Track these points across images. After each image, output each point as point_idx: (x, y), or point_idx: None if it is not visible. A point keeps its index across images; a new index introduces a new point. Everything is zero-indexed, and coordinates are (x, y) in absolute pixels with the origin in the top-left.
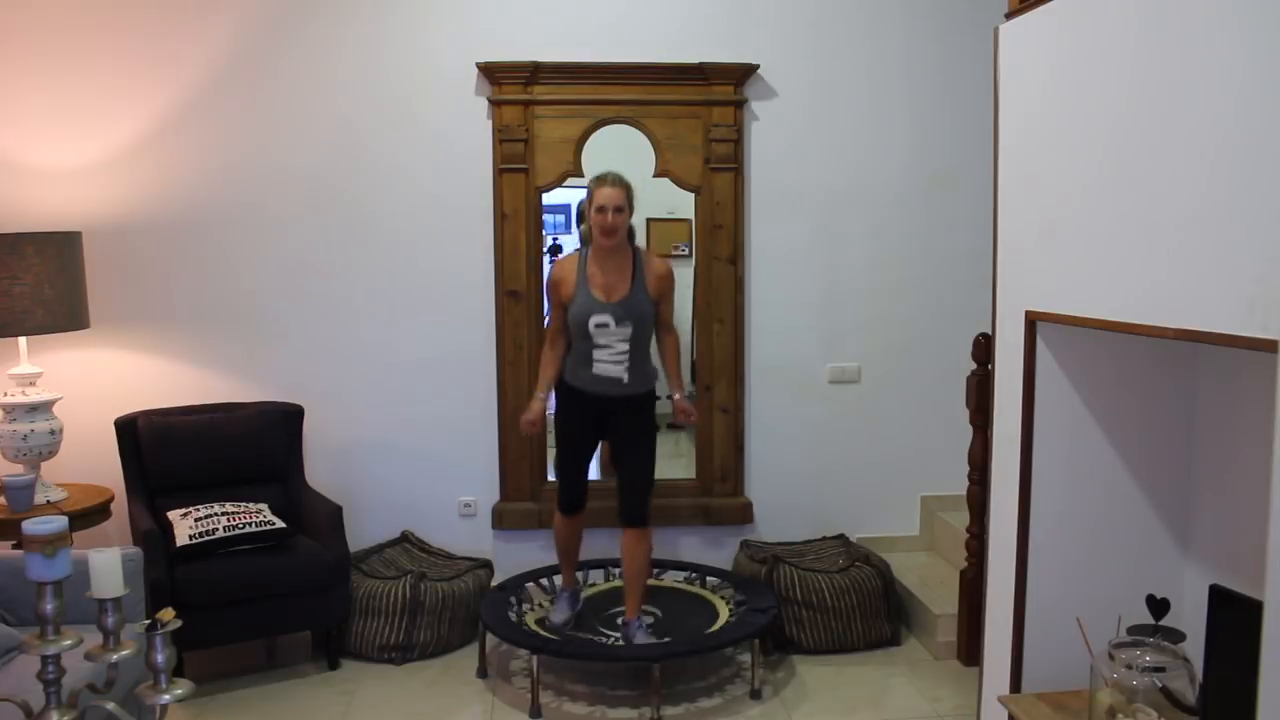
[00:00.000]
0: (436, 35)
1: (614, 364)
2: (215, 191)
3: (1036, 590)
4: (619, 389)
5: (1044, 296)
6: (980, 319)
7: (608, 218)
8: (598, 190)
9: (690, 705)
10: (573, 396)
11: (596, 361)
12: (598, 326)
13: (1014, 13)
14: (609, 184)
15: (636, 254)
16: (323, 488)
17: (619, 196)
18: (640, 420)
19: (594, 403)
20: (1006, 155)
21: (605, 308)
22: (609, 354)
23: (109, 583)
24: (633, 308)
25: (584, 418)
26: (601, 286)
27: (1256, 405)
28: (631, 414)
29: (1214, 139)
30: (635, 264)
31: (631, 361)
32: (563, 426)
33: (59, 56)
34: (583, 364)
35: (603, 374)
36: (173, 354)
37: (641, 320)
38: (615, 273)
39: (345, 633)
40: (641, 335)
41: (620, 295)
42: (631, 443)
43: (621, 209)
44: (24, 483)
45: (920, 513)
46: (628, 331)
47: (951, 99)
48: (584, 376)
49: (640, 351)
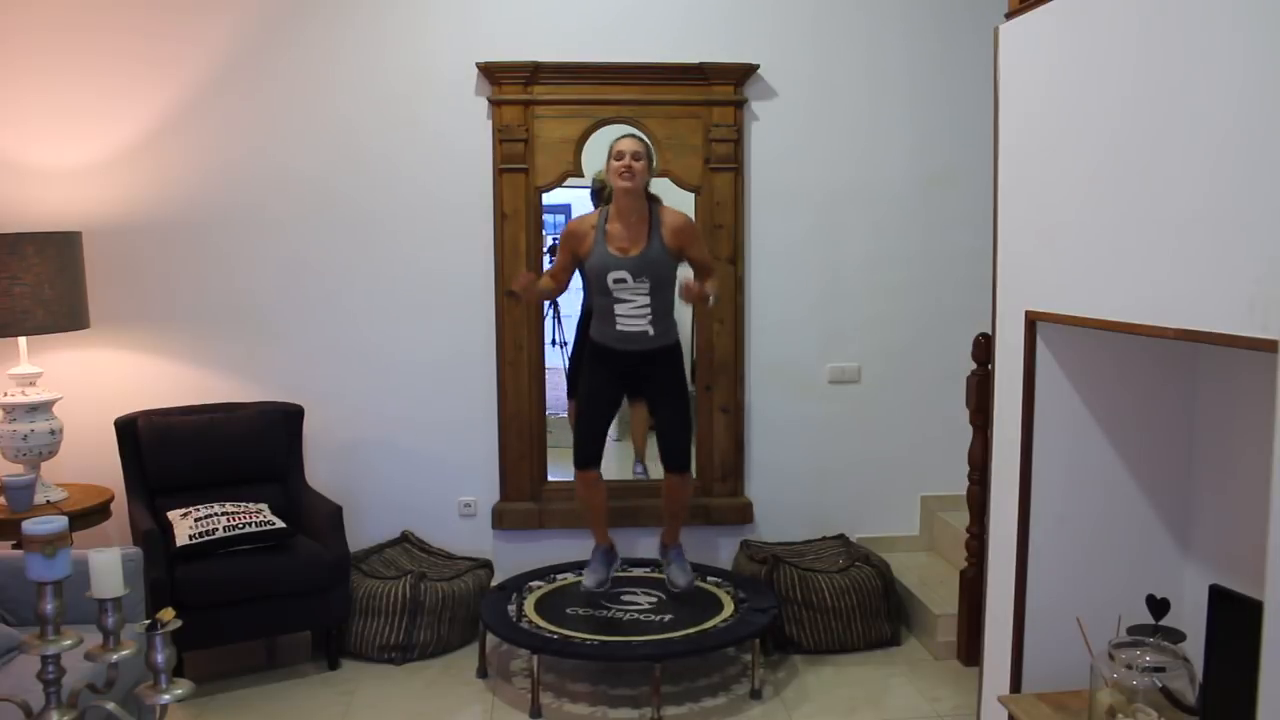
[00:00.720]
0: (436, 35)
1: (638, 318)
2: (215, 192)
3: (1036, 590)
4: (645, 343)
5: (1044, 296)
6: (980, 319)
7: (625, 161)
8: (615, 142)
9: (691, 705)
10: (600, 354)
11: (619, 317)
12: (616, 282)
13: (1014, 13)
14: (628, 135)
15: (654, 210)
16: (323, 488)
17: (636, 144)
18: (670, 372)
19: (621, 359)
20: (1006, 155)
21: (622, 262)
22: (631, 308)
23: (109, 583)
24: (649, 262)
25: (611, 374)
26: (618, 242)
27: (1256, 405)
28: (660, 367)
29: (1214, 139)
30: (652, 219)
31: (655, 315)
32: (588, 384)
33: (59, 56)
34: (607, 321)
35: (628, 329)
36: (173, 354)
37: (659, 275)
38: (634, 228)
39: (345, 633)
40: (661, 290)
41: (637, 250)
42: (665, 395)
43: (640, 156)
44: (24, 483)
45: (920, 513)
46: (645, 286)
47: (951, 99)
48: (610, 334)
49: (662, 306)
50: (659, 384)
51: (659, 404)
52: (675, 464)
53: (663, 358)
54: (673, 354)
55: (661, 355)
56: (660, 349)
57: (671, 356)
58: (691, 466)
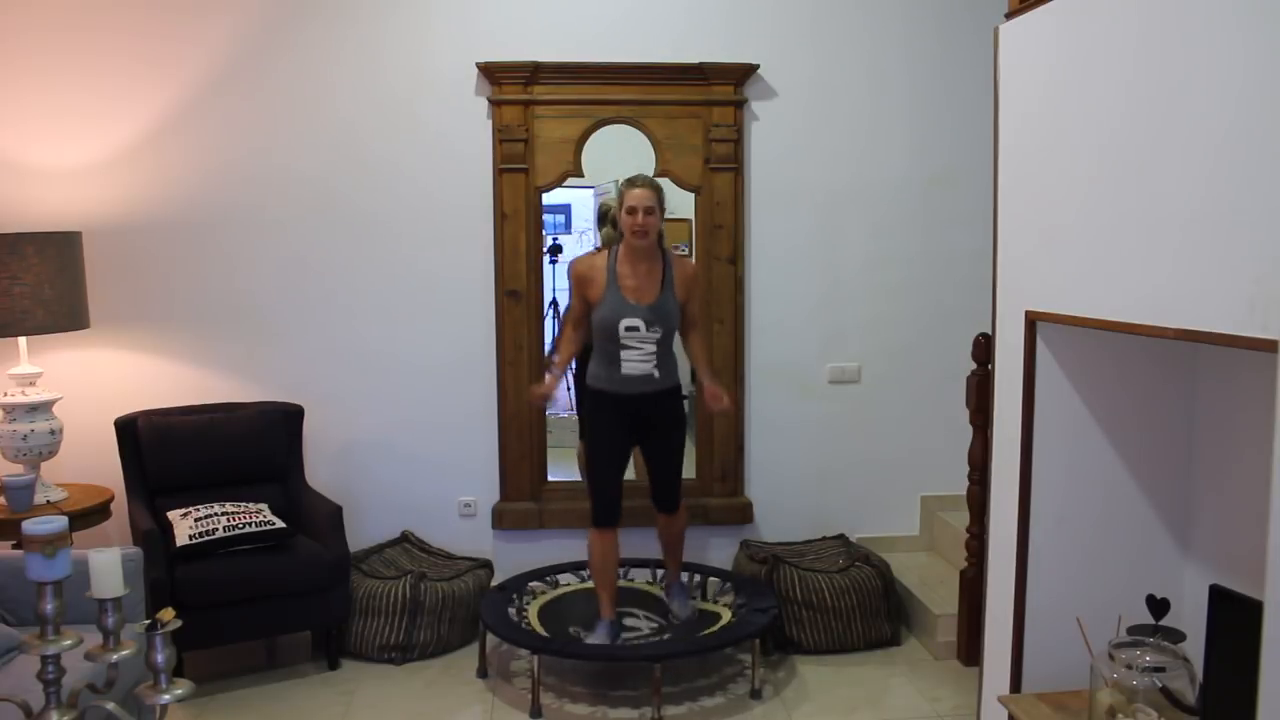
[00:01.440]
0: (436, 36)
1: (643, 362)
2: (215, 192)
3: (1036, 590)
4: (650, 385)
5: (1044, 296)
6: (980, 319)
7: (639, 219)
8: (628, 192)
9: (691, 705)
10: (603, 402)
11: (625, 362)
12: (628, 330)
13: (1014, 13)
14: (639, 185)
15: (666, 256)
16: (323, 488)
17: (649, 198)
18: (672, 415)
19: (625, 404)
20: (1006, 155)
21: (636, 311)
22: (638, 355)
23: (109, 583)
24: (662, 312)
25: (617, 420)
26: (632, 289)
27: (1256, 405)
28: (663, 410)
29: (1214, 138)
30: (665, 266)
31: (659, 359)
32: (595, 433)
33: (59, 56)
34: (609, 365)
35: (632, 373)
36: (173, 354)
37: (670, 323)
38: (645, 275)
39: (345, 633)
40: (669, 336)
41: (651, 299)
42: (663, 439)
43: (652, 210)
44: (24, 483)
45: (920, 513)
46: (657, 335)
47: (951, 99)
48: (613, 378)
49: (666, 349)
50: (661, 425)
51: (657, 446)
52: (668, 505)
53: (667, 399)
54: (675, 395)
55: (666, 397)
56: (664, 391)
57: (675, 398)
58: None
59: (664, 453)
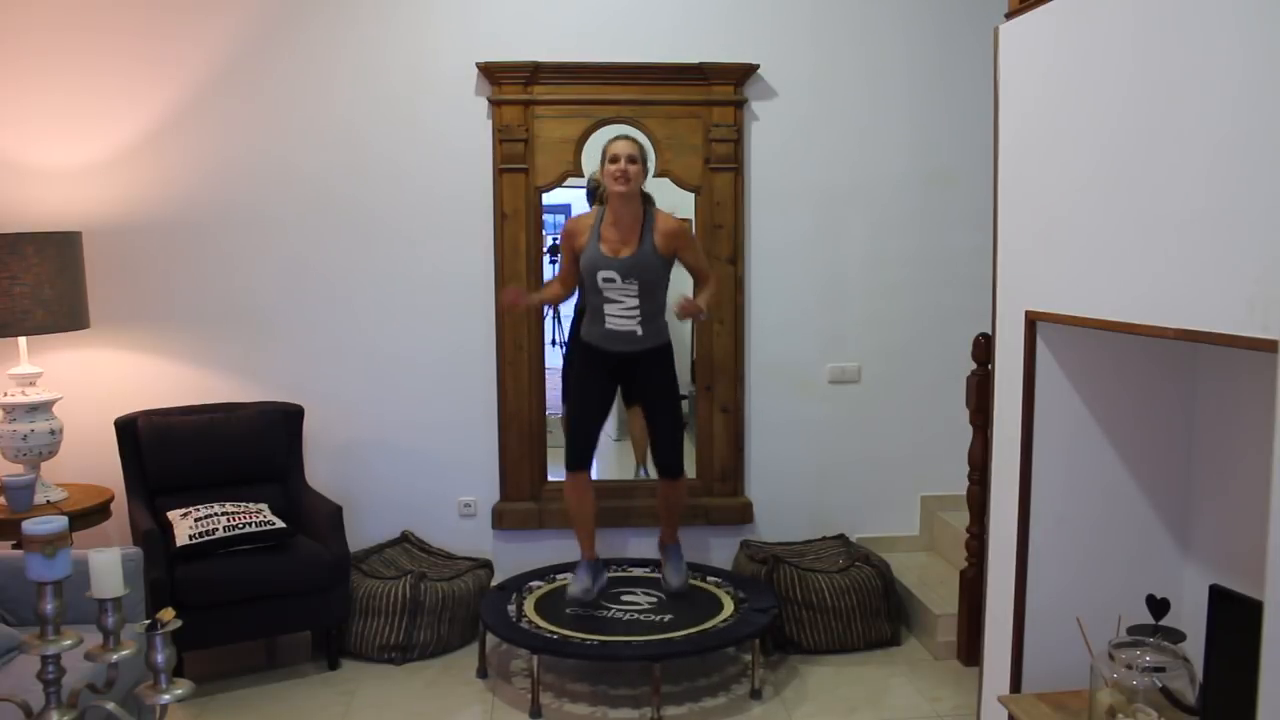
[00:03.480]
0: (436, 35)
1: (626, 318)
2: (215, 191)
3: (1036, 590)
4: (633, 343)
5: (1044, 296)
6: (980, 319)
7: (621, 164)
8: (610, 144)
9: (691, 705)
10: (588, 353)
11: (609, 317)
12: (605, 281)
13: (1014, 13)
14: (622, 137)
15: (648, 213)
16: (323, 488)
17: (631, 147)
18: (660, 373)
19: (609, 358)
20: (1006, 155)
21: (611, 263)
22: (620, 309)
23: (109, 583)
24: (639, 264)
25: (599, 374)
26: (611, 242)
27: (1256, 405)
28: (651, 370)
29: (1214, 138)
30: (645, 222)
31: (643, 316)
32: (578, 383)
33: (59, 56)
34: (596, 320)
35: (616, 329)
36: (173, 354)
37: (648, 278)
38: (627, 229)
39: (345, 633)
40: (651, 292)
41: (628, 251)
42: (655, 397)
43: (635, 159)
44: (24, 483)
45: (920, 513)
46: (634, 288)
47: (951, 99)
48: (598, 333)
49: (652, 308)
50: (649, 385)
51: (650, 406)
52: (669, 470)
53: (652, 359)
54: (663, 355)
55: (650, 356)
56: (648, 350)
57: (661, 357)
58: (684, 469)
59: (656, 407)
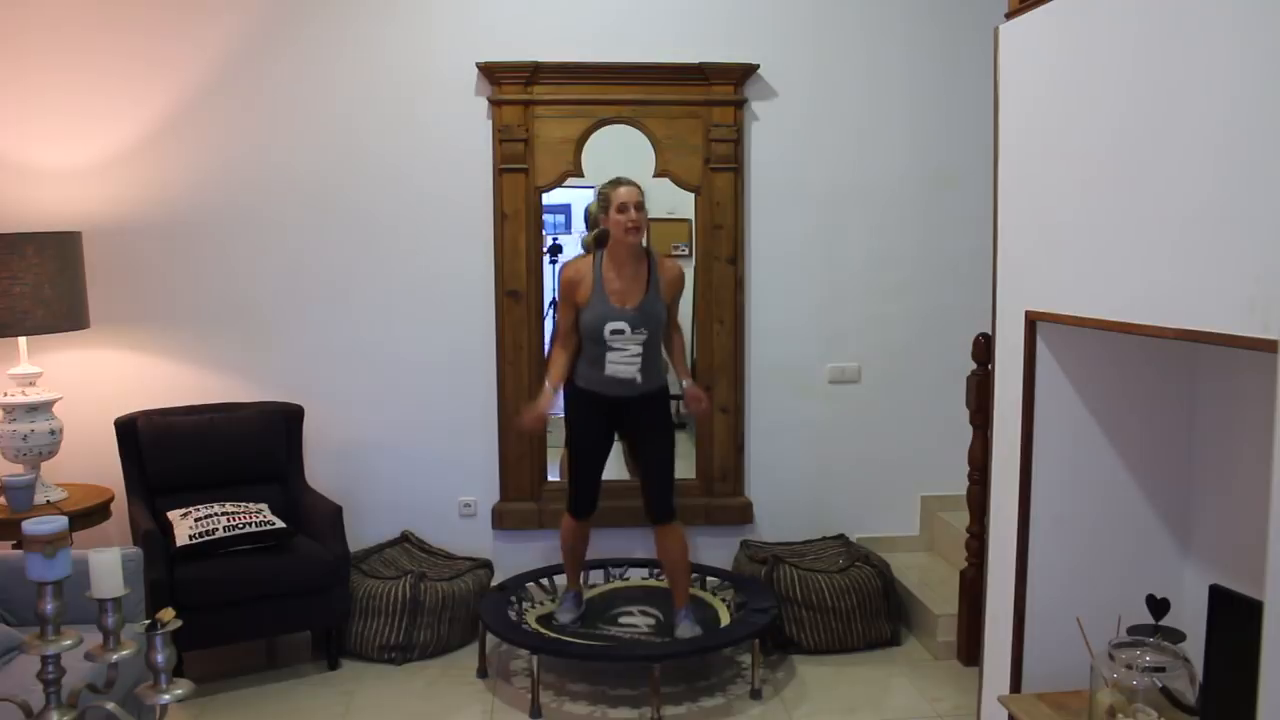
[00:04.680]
0: (436, 35)
1: (627, 365)
2: (215, 192)
3: (1036, 590)
4: (632, 389)
5: (1044, 296)
6: (980, 319)
7: (631, 214)
8: (614, 191)
9: (691, 705)
10: (584, 399)
11: (610, 364)
12: (613, 333)
13: (1014, 13)
14: (625, 183)
15: (651, 257)
16: (323, 488)
17: (638, 194)
18: (657, 418)
19: (607, 404)
20: (1006, 155)
21: (621, 314)
22: (623, 356)
23: (109, 583)
24: (648, 314)
25: (597, 419)
26: (617, 292)
27: (1256, 405)
28: (647, 412)
29: (1214, 138)
30: (650, 268)
31: (644, 362)
32: (576, 430)
33: (59, 56)
34: (594, 366)
35: (616, 375)
36: (173, 354)
37: (655, 325)
38: (631, 278)
39: (345, 633)
40: (655, 338)
41: (635, 301)
42: (650, 440)
43: (641, 206)
44: (24, 483)
45: (920, 513)
46: (643, 337)
47: (951, 99)
48: (596, 379)
49: (652, 352)
50: (644, 431)
51: (644, 451)
52: (661, 515)
53: (649, 401)
54: (660, 397)
55: (648, 399)
56: (647, 394)
57: (658, 400)
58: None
59: (650, 455)
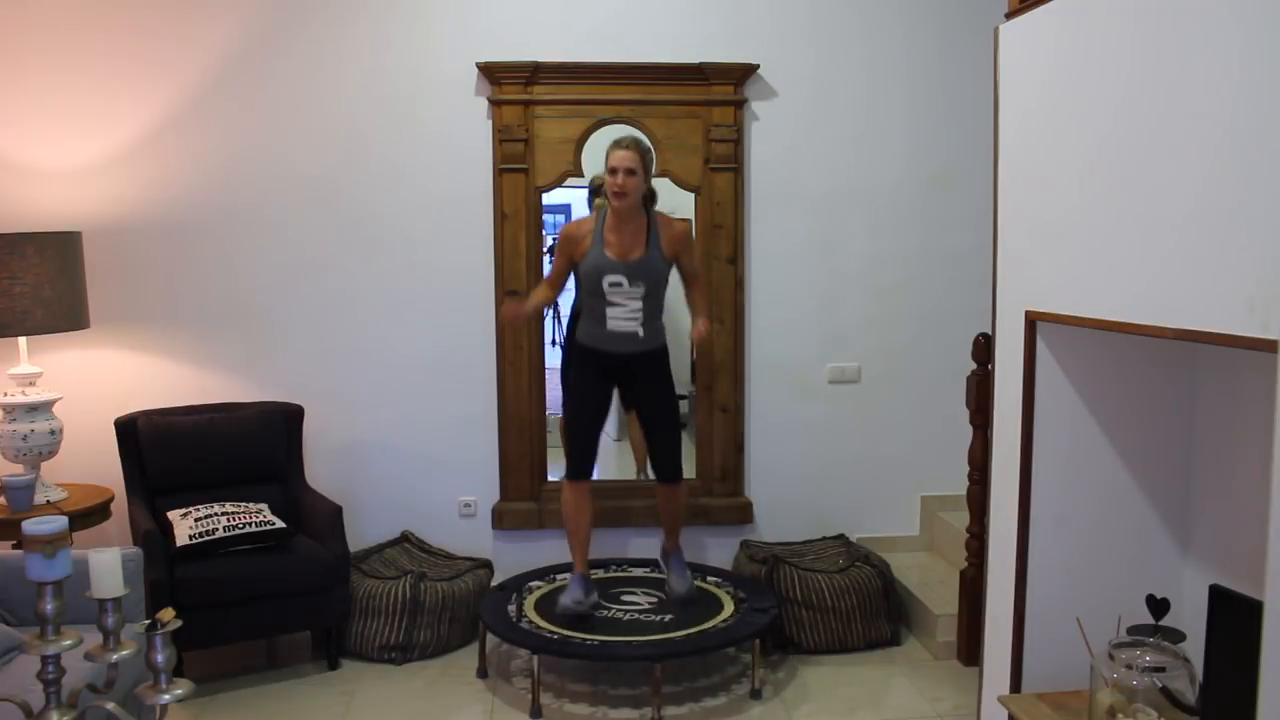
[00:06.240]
0: (436, 36)
1: (628, 320)
2: (215, 191)
3: (1036, 590)
4: (633, 344)
5: (1044, 296)
6: (980, 319)
7: (618, 179)
8: (611, 152)
9: (691, 705)
10: (586, 355)
11: (610, 319)
12: (611, 285)
13: (1014, 13)
14: (622, 146)
15: (652, 218)
16: (323, 488)
17: (630, 159)
18: (658, 375)
19: (608, 360)
20: (1006, 155)
21: (619, 267)
22: (623, 311)
23: (109, 583)
24: (646, 269)
25: (598, 376)
26: (614, 245)
27: (1256, 405)
28: (649, 373)
29: (1213, 138)
30: (650, 227)
31: (645, 318)
32: (576, 388)
33: (59, 56)
34: (596, 322)
35: (617, 330)
36: (173, 354)
37: (654, 281)
38: (630, 235)
39: (345, 633)
40: (654, 295)
41: (635, 256)
42: (653, 399)
43: (633, 171)
44: (24, 483)
45: (920, 513)
46: (640, 290)
47: (951, 99)
48: (598, 334)
49: (653, 310)
50: (647, 389)
51: (647, 409)
52: (668, 474)
53: (650, 361)
54: (660, 357)
55: (649, 358)
56: (648, 351)
57: (659, 360)
58: (683, 473)
59: (655, 412)
